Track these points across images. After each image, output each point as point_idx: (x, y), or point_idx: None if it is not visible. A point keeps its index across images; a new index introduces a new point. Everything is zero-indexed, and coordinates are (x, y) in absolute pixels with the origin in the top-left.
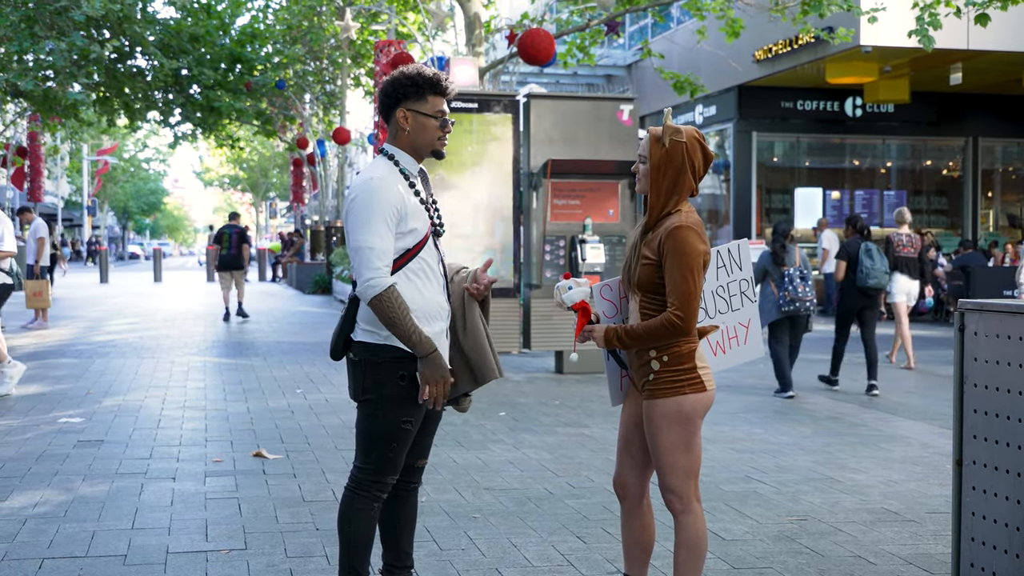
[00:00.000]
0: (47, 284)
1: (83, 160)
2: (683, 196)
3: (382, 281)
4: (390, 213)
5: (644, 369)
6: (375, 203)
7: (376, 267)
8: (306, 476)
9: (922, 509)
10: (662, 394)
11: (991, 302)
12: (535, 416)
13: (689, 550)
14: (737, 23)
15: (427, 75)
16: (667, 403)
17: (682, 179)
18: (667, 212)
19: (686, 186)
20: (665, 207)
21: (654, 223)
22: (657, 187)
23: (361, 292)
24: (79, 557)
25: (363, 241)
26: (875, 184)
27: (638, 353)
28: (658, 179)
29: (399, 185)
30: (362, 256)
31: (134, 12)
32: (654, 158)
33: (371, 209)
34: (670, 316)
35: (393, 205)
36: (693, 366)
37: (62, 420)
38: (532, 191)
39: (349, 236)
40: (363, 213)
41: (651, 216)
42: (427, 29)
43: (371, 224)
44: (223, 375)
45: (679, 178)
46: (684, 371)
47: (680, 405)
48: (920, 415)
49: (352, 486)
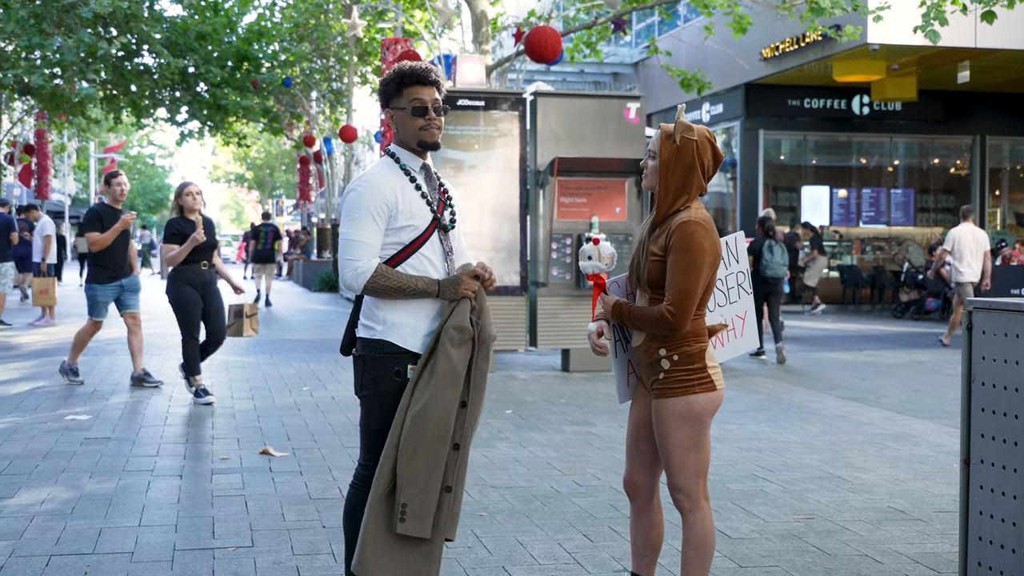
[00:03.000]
0: (54, 282)
1: (90, 158)
2: (692, 195)
3: (367, 265)
4: (379, 208)
5: (654, 368)
6: (364, 199)
7: (359, 256)
8: (313, 474)
9: (929, 508)
10: (672, 393)
11: (999, 301)
12: (542, 414)
13: (697, 549)
14: (744, 19)
15: (403, 68)
16: (677, 402)
17: (691, 177)
18: (675, 209)
19: (695, 184)
20: (673, 204)
21: (662, 220)
22: (666, 184)
23: (351, 283)
24: (86, 554)
25: (350, 234)
26: (882, 182)
27: (647, 352)
28: (667, 176)
29: (396, 181)
30: (348, 248)
31: (141, 10)
32: (664, 154)
33: (360, 204)
34: (663, 310)
35: (383, 200)
36: (703, 365)
37: (69, 417)
38: (539, 189)
39: (340, 228)
40: (353, 208)
41: (659, 213)
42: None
43: (359, 219)
44: (229, 373)
45: (688, 176)
46: (694, 370)
47: (690, 404)
48: (928, 414)
49: (356, 483)
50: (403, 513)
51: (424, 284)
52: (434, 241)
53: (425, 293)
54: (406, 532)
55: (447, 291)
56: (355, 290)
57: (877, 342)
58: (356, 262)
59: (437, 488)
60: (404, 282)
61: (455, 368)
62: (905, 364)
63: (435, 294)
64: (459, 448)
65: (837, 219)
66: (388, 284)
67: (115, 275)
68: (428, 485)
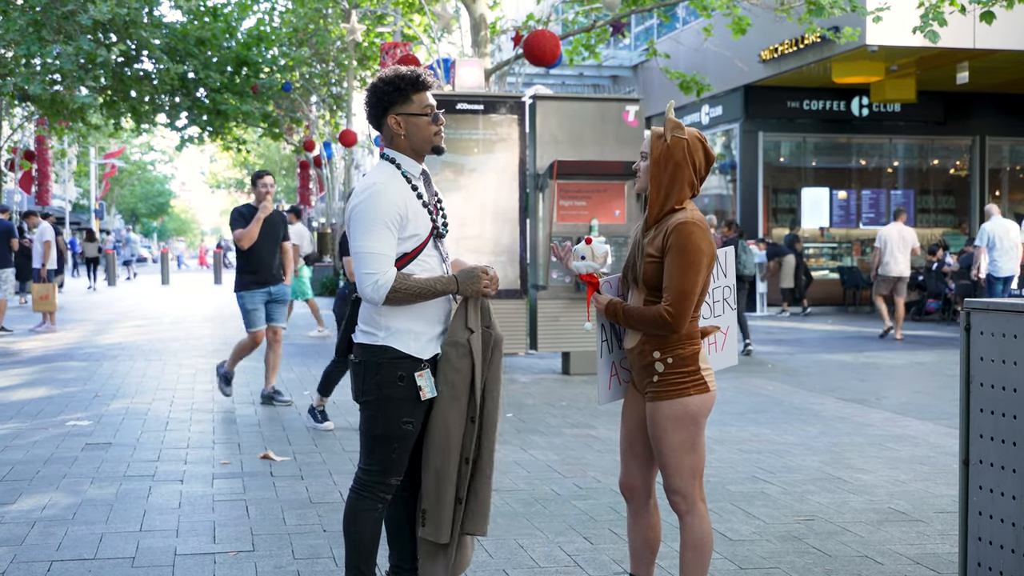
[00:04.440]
0: (54, 287)
1: (90, 163)
2: (684, 193)
3: (386, 277)
4: (392, 218)
5: (648, 370)
6: (377, 208)
7: (377, 269)
8: (313, 478)
9: (929, 509)
10: (667, 395)
11: (998, 301)
12: (542, 417)
13: (695, 550)
14: (743, 21)
15: (405, 75)
16: (672, 404)
17: (682, 174)
18: (669, 209)
19: (687, 181)
20: (666, 203)
21: (655, 220)
22: (657, 181)
23: (372, 296)
24: (87, 559)
25: (366, 247)
26: (882, 183)
27: (641, 354)
28: (658, 173)
29: (401, 189)
30: (365, 261)
31: (141, 16)
32: (655, 152)
33: (373, 215)
34: (661, 310)
35: (395, 209)
36: (697, 367)
37: (70, 423)
38: (538, 192)
39: (352, 241)
40: (365, 219)
41: (651, 212)
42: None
43: (374, 230)
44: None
45: (679, 173)
46: (689, 373)
47: (686, 406)
48: (927, 415)
49: (356, 488)
50: (423, 518)
51: (442, 284)
52: (432, 248)
53: (445, 292)
54: (424, 536)
55: (466, 287)
56: (377, 303)
57: (877, 343)
58: (375, 275)
59: (450, 500)
60: (424, 287)
61: (454, 386)
62: (905, 365)
63: (455, 291)
64: (471, 462)
65: (837, 221)
66: (410, 291)
67: (262, 281)
68: (440, 497)
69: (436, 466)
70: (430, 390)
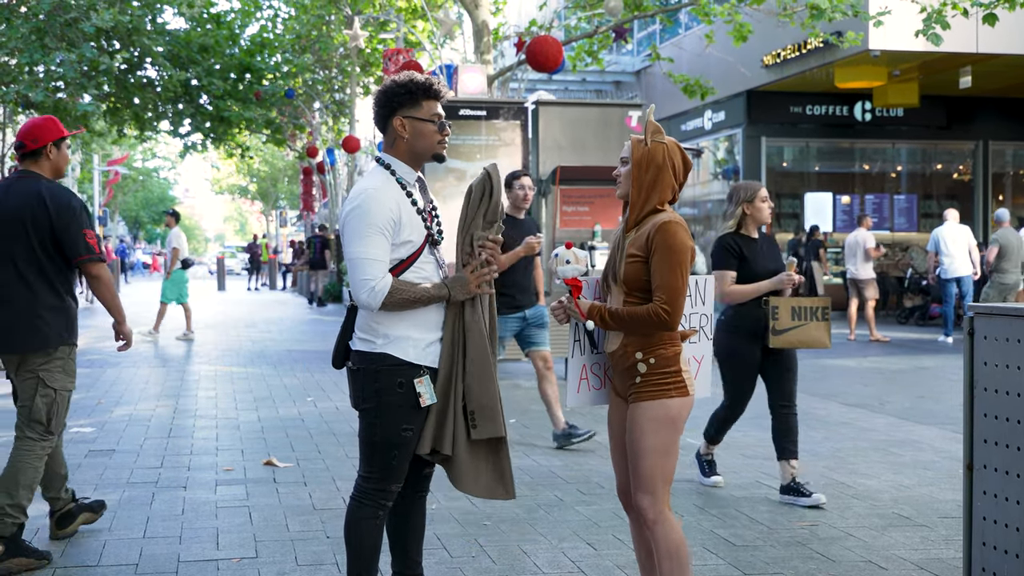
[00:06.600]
0: None
1: (94, 170)
2: (665, 195)
3: (382, 283)
4: (387, 223)
5: (630, 372)
6: (370, 214)
7: (372, 275)
8: (316, 484)
9: (933, 514)
10: (649, 396)
11: (1001, 306)
12: (545, 422)
13: (672, 559)
14: (745, 27)
15: (419, 81)
16: (653, 406)
17: (663, 177)
18: (650, 211)
19: (667, 184)
20: (647, 204)
21: (636, 221)
22: (639, 183)
23: (368, 302)
24: (91, 566)
25: (360, 253)
26: (885, 188)
27: (623, 356)
28: (640, 175)
29: (395, 194)
30: (359, 267)
31: (144, 23)
32: (636, 155)
33: (367, 220)
34: (657, 308)
35: (389, 215)
36: (679, 369)
37: (73, 430)
38: (541, 198)
39: (346, 247)
40: (359, 224)
41: (632, 214)
42: (436, 37)
43: (368, 235)
44: (234, 384)
45: (660, 175)
46: (670, 374)
47: (667, 408)
48: (931, 420)
49: (357, 495)
50: (473, 419)
51: (435, 290)
52: (427, 256)
53: (439, 298)
54: (479, 437)
55: (457, 291)
56: (372, 309)
57: (881, 348)
58: (370, 281)
59: (496, 393)
60: (419, 293)
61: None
62: (909, 370)
63: (446, 296)
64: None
65: (840, 225)
66: (404, 297)
67: (516, 304)
68: (487, 392)
69: (474, 371)
70: (429, 397)
